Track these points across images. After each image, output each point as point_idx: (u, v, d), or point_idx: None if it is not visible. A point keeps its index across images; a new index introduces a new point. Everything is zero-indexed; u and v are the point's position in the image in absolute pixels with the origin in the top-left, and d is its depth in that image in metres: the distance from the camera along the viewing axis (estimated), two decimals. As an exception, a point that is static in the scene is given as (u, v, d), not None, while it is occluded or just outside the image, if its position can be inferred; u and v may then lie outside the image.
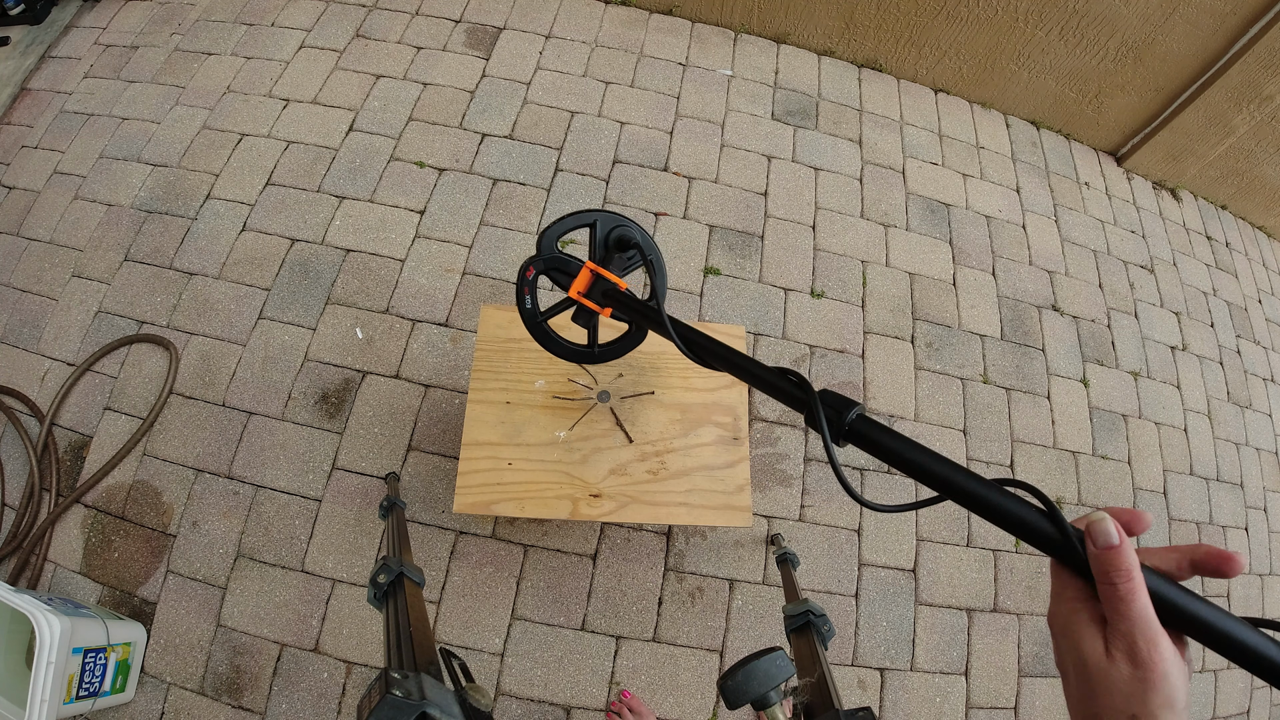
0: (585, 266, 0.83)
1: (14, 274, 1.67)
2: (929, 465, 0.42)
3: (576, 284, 0.82)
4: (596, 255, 0.87)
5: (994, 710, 1.49)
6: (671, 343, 0.66)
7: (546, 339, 0.91)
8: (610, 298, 0.81)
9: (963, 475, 0.41)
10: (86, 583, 1.38)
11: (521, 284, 0.87)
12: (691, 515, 1.06)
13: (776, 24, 2.21)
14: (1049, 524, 0.35)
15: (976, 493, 0.39)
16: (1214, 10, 1.88)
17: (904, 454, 0.43)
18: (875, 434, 0.45)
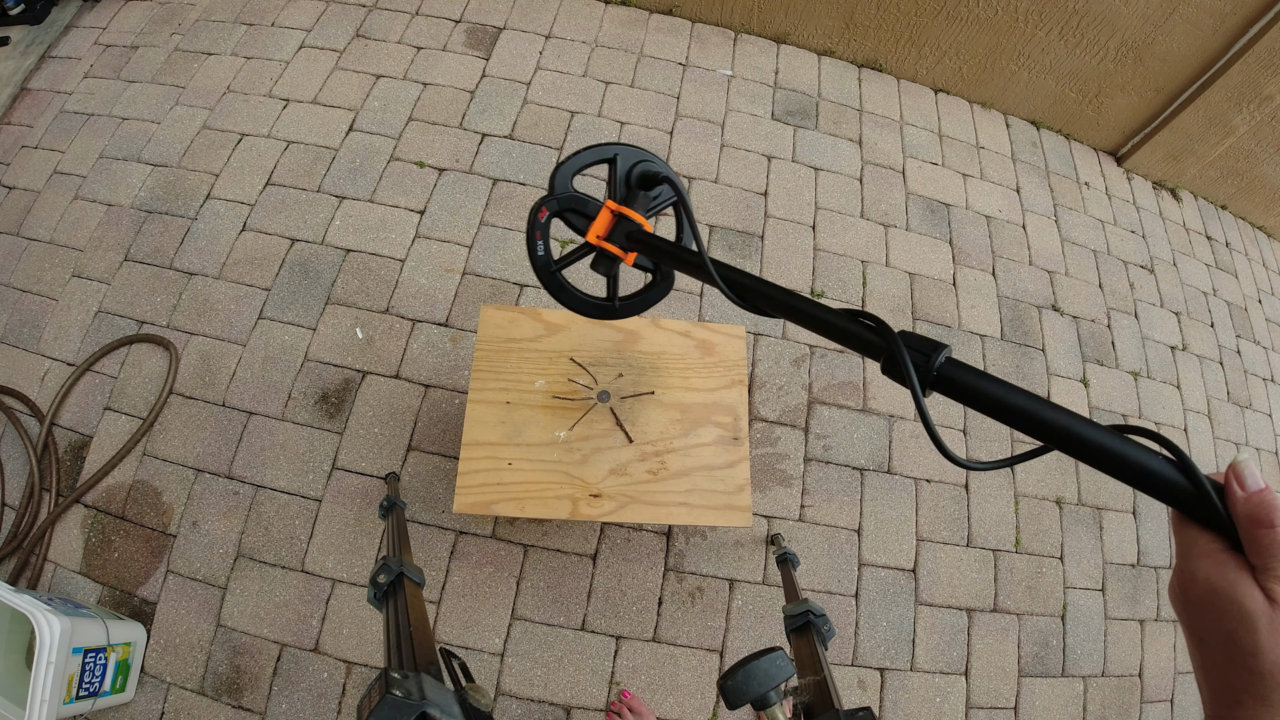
0: (605, 206, 0.75)
1: (14, 274, 1.67)
2: (1037, 411, 0.36)
3: (595, 227, 0.74)
4: (618, 194, 0.78)
5: (994, 710, 1.49)
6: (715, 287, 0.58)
7: (561, 291, 0.82)
8: (636, 240, 0.72)
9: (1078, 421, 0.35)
10: (86, 583, 1.38)
11: (533, 227, 0.78)
12: (691, 515, 1.06)
13: (776, 24, 2.21)
14: (1178, 473, 0.32)
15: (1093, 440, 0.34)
16: (1214, 10, 1.88)
17: (1005, 399, 0.37)
18: (968, 378, 0.39)
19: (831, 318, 0.49)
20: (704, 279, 0.61)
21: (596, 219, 0.74)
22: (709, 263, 0.59)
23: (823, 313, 0.49)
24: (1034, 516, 1.69)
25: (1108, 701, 1.58)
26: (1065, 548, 1.68)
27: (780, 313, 0.54)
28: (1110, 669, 1.61)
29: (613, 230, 0.74)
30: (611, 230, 0.74)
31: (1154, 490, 0.33)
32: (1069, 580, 1.65)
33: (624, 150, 0.77)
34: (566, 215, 0.78)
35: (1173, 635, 1.70)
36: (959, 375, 0.40)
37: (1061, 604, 1.62)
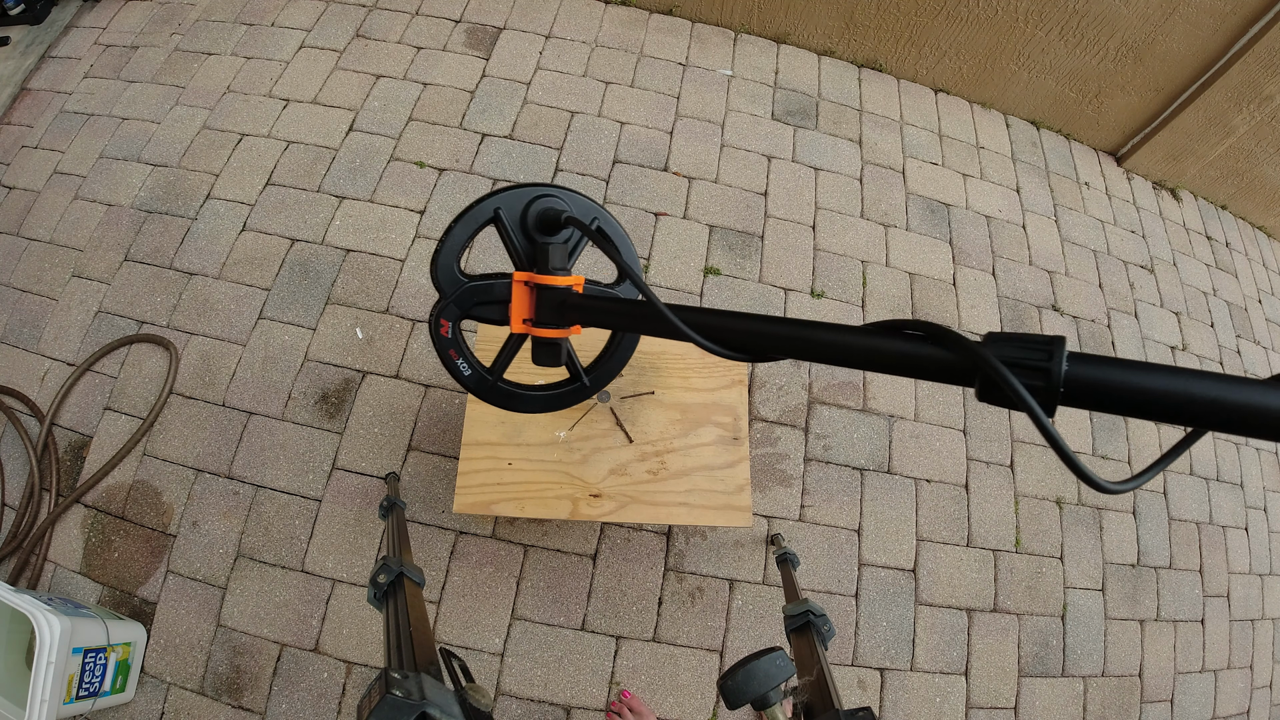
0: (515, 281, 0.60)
1: (14, 274, 1.67)
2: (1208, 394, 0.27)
3: (515, 311, 0.60)
4: (523, 257, 0.63)
5: (994, 710, 1.49)
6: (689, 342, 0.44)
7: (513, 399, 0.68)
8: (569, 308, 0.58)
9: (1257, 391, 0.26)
10: (86, 583, 1.38)
11: (441, 346, 0.63)
12: (691, 515, 1.06)
13: (776, 24, 2.21)
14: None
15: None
16: (1214, 10, 1.88)
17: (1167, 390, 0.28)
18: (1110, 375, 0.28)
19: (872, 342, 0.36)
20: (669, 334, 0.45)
21: (512, 300, 0.60)
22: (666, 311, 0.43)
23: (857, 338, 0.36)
24: (1034, 516, 1.69)
25: (1108, 701, 1.58)
26: (1065, 548, 1.68)
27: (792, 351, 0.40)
28: (1110, 669, 1.61)
29: (538, 306, 0.59)
30: (537, 307, 0.59)
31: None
32: (1069, 580, 1.65)
33: (505, 198, 0.61)
34: (474, 313, 0.62)
35: (1172, 635, 1.70)
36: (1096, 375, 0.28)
37: (1061, 604, 1.62)
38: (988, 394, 0.31)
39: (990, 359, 0.30)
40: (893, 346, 0.35)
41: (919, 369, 0.34)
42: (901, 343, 0.35)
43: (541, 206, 0.62)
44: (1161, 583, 1.74)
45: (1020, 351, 0.30)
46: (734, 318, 0.43)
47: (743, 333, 0.42)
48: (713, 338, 0.43)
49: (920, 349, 0.34)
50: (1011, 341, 0.30)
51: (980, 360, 0.30)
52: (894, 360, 0.35)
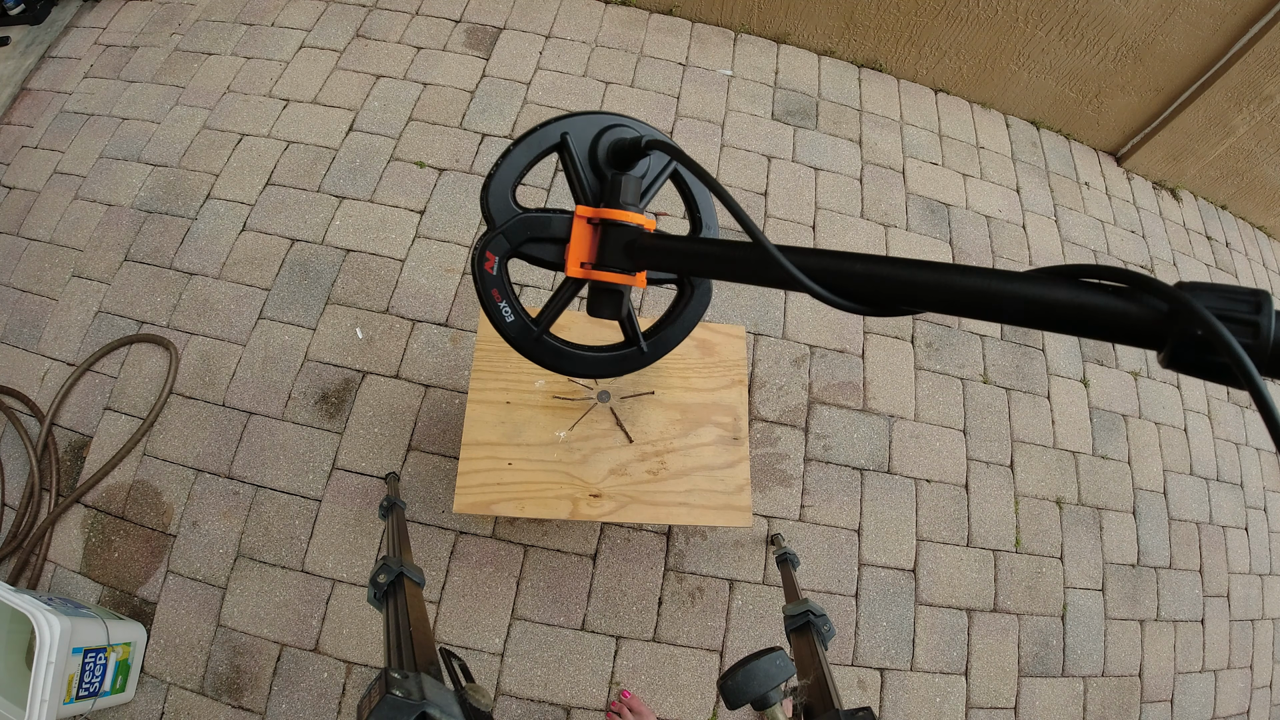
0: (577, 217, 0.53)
1: (14, 274, 1.67)
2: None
3: (573, 252, 0.53)
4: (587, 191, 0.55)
5: (994, 710, 1.49)
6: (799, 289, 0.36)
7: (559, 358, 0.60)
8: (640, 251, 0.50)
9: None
10: (86, 583, 1.38)
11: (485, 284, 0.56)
12: (691, 515, 1.06)
13: (776, 24, 2.21)
14: None
15: None
16: (1214, 10, 1.88)
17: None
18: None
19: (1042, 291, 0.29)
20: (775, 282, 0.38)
21: (571, 240, 0.53)
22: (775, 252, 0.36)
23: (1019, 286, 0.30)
24: (1034, 516, 1.69)
25: (1108, 701, 1.58)
26: (1065, 548, 1.68)
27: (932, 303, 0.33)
28: (1110, 669, 1.61)
29: (602, 248, 0.52)
30: (600, 249, 0.52)
31: None
32: (1069, 580, 1.65)
33: (574, 123, 0.53)
34: (525, 250, 0.55)
35: (1172, 635, 1.70)
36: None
37: (1061, 604, 1.62)
38: (1182, 357, 0.26)
39: (1201, 309, 0.24)
40: (1065, 296, 0.29)
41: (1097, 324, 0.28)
42: (1077, 291, 0.29)
43: (616, 135, 0.54)
44: (1161, 583, 1.74)
45: (1226, 302, 0.25)
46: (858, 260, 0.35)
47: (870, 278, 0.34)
48: (831, 285, 0.35)
49: (1100, 300, 0.28)
50: (1213, 291, 0.26)
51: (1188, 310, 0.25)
52: (1065, 313, 0.29)
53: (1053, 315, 0.29)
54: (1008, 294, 0.30)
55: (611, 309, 0.54)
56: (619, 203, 0.52)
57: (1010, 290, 0.30)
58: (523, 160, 0.54)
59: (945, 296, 0.32)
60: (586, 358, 0.61)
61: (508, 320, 0.57)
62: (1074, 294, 0.29)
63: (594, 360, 0.61)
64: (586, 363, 0.61)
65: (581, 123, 0.54)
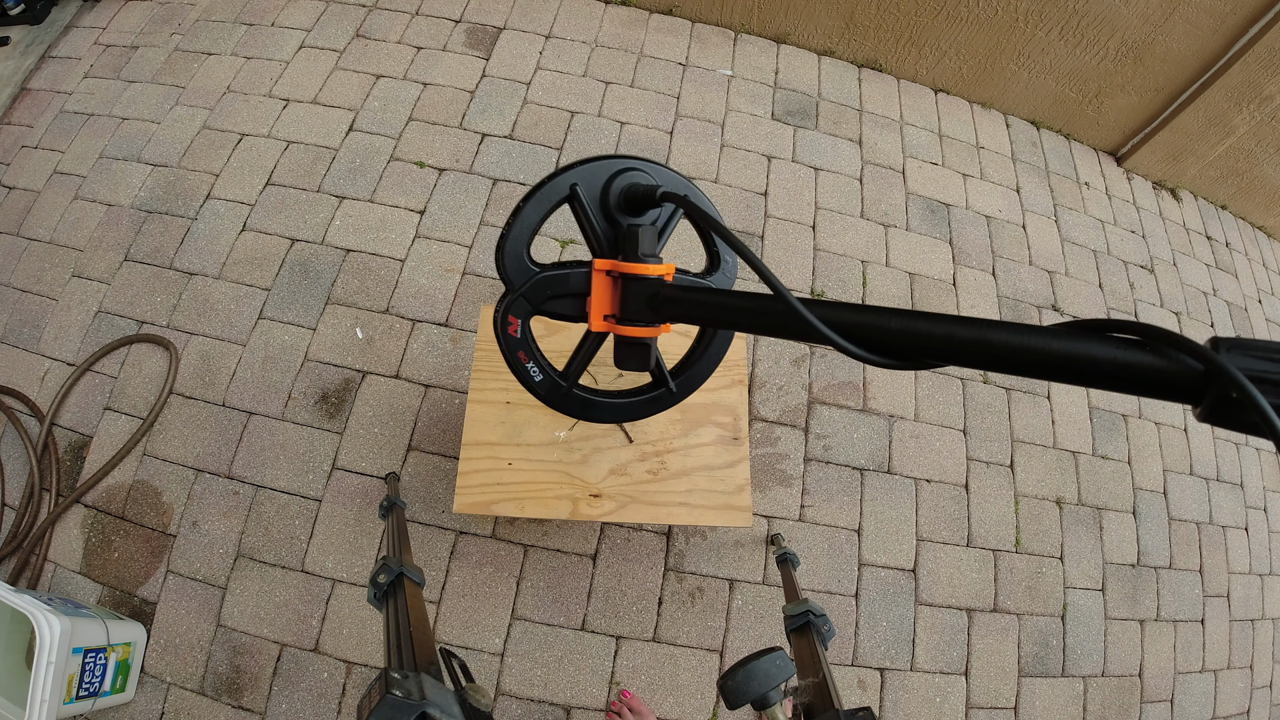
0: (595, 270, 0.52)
1: (14, 274, 1.67)
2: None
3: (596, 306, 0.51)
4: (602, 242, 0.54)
5: (994, 710, 1.49)
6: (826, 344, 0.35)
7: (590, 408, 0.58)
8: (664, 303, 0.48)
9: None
10: (86, 583, 1.38)
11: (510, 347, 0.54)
12: (691, 515, 1.06)
13: (776, 24, 2.21)
14: None
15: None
16: (1214, 10, 1.88)
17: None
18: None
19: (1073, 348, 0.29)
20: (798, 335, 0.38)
21: (592, 294, 0.51)
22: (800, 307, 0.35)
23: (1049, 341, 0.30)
24: (1034, 516, 1.69)
25: (1108, 701, 1.58)
26: (1065, 548, 1.68)
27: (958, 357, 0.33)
28: (1110, 669, 1.61)
29: (624, 302, 0.50)
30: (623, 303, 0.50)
31: None
32: (1069, 580, 1.65)
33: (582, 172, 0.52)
34: (546, 308, 0.54)
35: (1172, 635, 1.70)
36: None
37: (1061, 604, 1.62)
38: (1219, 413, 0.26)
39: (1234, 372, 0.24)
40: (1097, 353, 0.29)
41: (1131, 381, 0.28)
42: (1109, 348, 0.29)
43: (627, 181, 0.53)
44: (1161, 583, 1.74)
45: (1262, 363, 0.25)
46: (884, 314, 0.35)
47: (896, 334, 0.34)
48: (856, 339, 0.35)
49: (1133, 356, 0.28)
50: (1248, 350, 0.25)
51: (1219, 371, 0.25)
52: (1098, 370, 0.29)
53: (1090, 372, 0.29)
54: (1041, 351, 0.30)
55: (639, 361, 0.52)
56: (638, 255, 0.50)
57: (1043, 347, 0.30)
58: (535, 217, 0.53)
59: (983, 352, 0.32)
60: (617, 405, 0.59)
61: (536, 379, 0.57)
62: (1111, 351, 0.29)
63: (624, 406, 0.60)
64: (617, 410, 0.60)
65: (590, 170, 0.53)
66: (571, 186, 0.52)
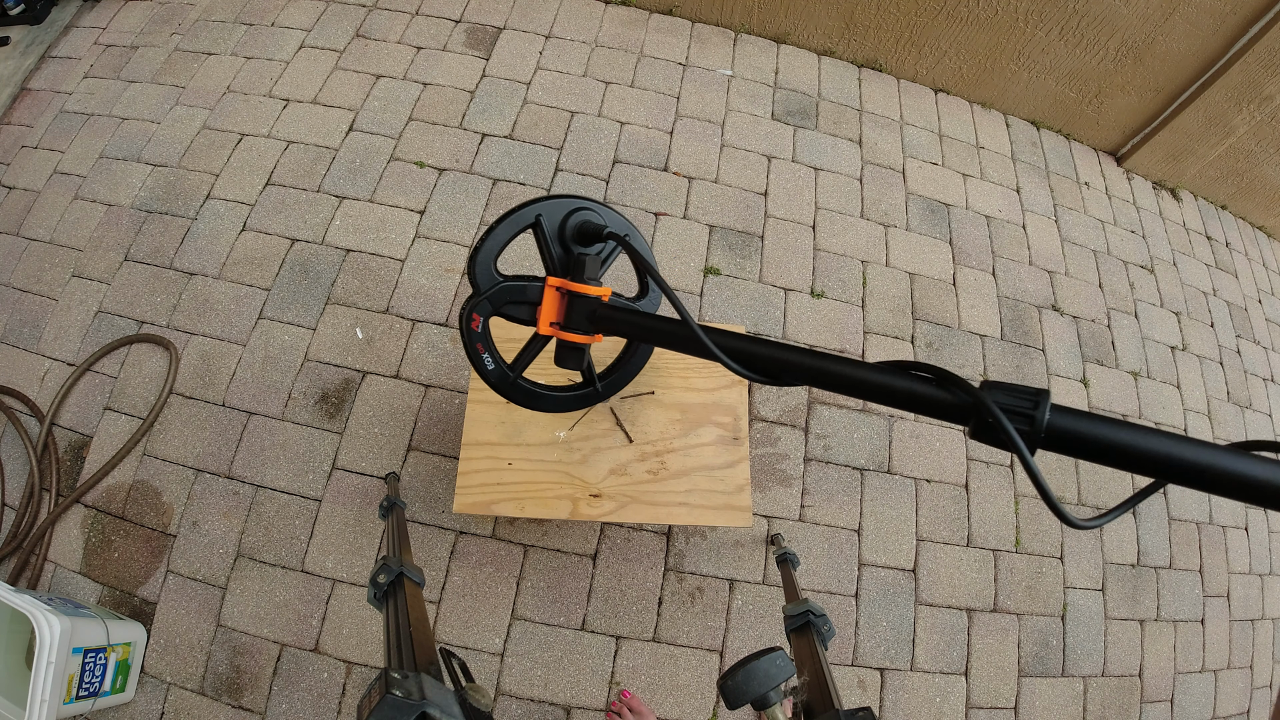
0: (547, 285, 0.62)
1: (14, 274, 1.67)
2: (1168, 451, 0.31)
3: (544, 314, 0.62)
4: (555, 263, 0.64)
5: (994, 710, 1.49)
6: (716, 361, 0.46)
7: (531, 398, 0.70)
8: (600, 319, 0.60)
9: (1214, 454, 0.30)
10: (86, 583, 1.38)
11: (470, 339, 0.65)
12: (691, 515, 1.06)
13: (776, 24, 2.21)
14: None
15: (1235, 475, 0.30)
16: (1214, 10, 1.88)
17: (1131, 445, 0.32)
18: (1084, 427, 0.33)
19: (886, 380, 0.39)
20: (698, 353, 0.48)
21: (542, 304, 0.62)
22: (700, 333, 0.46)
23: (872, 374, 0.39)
24: (1034, 516, 1.69)
25: (1108, 701, 1.58)
26: (1065, 548, 1.68)
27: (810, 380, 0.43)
28: (1110, 669, 1.61)
29: (568, 314, 0.61)
30: (567, 313, 0.61)
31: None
32: (1069, 580, 1.65)
33: (546, 206, 0.63)
34: (504, 311, 0.64)
35: (1172, 635, 1.70)
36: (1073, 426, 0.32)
37: (1061, 604, 1.62)
38: (981, 433, 0.35)
39: (989, 402, 0.33)
40: (902, 385, 0.39)
41: (923, 406, 0.38)
42: (910, 382, 0.39)
43: (581, 218, 0.64)
44: (1161, 583, 1.74)
45: (1012, 399, 0.33)
46: (759, 344, 0.46)
47: (765, 358, 0.45)
48: (740, 360, 0.46)
49: (926, 390, 0.37)
50: (1005, 389, 0.34)
51: (981, 403, 0.33)
52: (902, 397, 0.39)
53: (896, 399, 0.39)
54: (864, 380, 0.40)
55: (575, 361, 0.64)
56: (583, 278, 0.62)
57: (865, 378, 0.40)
58: (504, 237, 0.63)
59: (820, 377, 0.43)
60: (554, 397, 0.71)
61: (489, 368, 0.68)
62: (911, 385, 0.38)
63: (560, 399, 0.72)
64: (554, 401, 0.72)
65: (553, 205, 0.64)
66: (537, 216, 0.63)
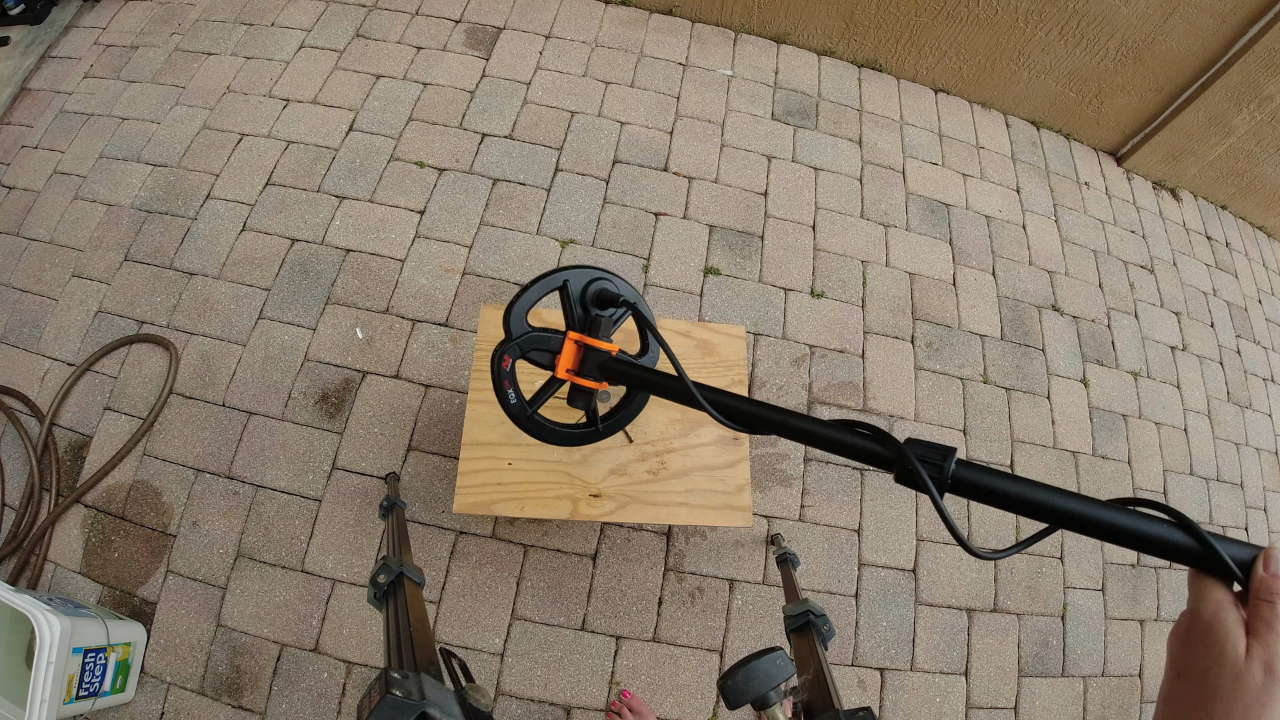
0: (568, 338, 0.74)
1: (14, 274, 1.67)
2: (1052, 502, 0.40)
3: (563, 361, 0.73)
4: (575, 320, 0.77)
5: (994, 710, 1.49)
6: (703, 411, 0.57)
7: (541, 430, 0.82)
8: (608, 370, 0.72)
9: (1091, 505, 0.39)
10: (86, 583, 1.38)
11: (499, 377, 0.76)
12: (691, 515, 1.06)
13: (776, 24, 2.21)
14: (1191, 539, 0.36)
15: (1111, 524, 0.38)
16: (1214, 10, 1.88)
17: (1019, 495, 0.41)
18: (981, 479, 0.42)
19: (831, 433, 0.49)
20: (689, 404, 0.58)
21: (562, 352, 0.73)
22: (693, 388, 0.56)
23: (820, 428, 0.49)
24: (1034, 516, 1.68)
25: (1108, 701, 1.58)
26: (1065, 548, 1.68)
27: (777, 431, 0.53)
28: (1110, 669, 1.61)
29: (582, 362, 0.73)
30: (581, 362, 0.73)
31: (1169, 555, 0.37)
32: (1069, 580, 1.65)
33: (572, 274, 0.76)
34: (531, 356, 0.75)
35: (1173, 635, 1.70)
36: (972, 477, 0.42)
37: (1061, 604, 1.62)
38: (903, 478, 0.44)
39: (910, 455, 0.43)
40: (847, 439, 0.48)
41: (863, 456, 0.47)
42: (854, 437, 0.48)
43: (599, 286, 0.77)
44: (1161, 583, 1.74)
45: (927, 453, 0.43)
46: (739, 400, 0.56)
47: (744, 413, 0.55)
48: (723, 412, 0.56)
49: (865, 444, 0.47)
50: (922, 445, 0.44)
51: (904, 456, 0.44)
52: (847, 449, 0.48)
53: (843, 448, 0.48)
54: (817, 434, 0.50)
55: (584, 403, 0.76)
56: (598, 335, 0.74)
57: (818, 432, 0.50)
58: (537, 295, 0.75)
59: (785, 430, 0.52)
60: (560, 432, 0.83)
61: (511, 403, 0.78)
62: (854, 439, 0.48)
63: (566, 434, 0.83)
64: (561, 436, 0.83)
65: (578, 274, 0.77)
66: (564, 281, 0.76)
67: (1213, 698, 0.32)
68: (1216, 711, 0.31)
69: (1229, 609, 0.34)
